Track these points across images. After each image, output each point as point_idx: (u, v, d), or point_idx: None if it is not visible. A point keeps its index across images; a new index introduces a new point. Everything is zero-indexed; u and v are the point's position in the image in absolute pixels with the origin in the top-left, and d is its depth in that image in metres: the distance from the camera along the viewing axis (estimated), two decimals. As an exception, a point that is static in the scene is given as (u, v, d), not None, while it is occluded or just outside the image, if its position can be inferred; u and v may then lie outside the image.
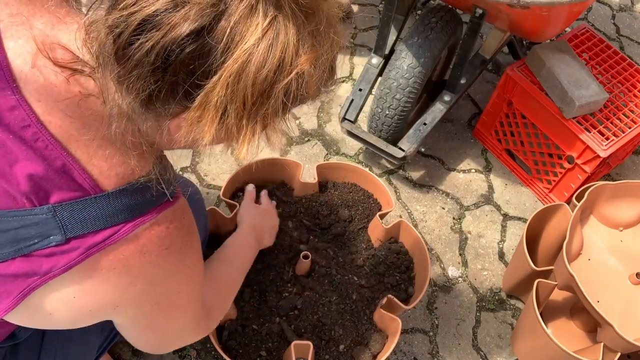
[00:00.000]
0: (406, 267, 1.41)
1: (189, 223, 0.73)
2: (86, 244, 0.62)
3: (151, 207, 0.66)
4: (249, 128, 0.59)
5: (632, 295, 1.37)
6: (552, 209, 1.48)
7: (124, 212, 0.63)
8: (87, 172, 0.62)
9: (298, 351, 1.23)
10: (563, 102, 1.59)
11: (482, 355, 1.56)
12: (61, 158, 0.61)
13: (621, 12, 2.48)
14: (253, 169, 1.47)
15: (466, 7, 1.53)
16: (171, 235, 0.68)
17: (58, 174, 0.61)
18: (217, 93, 0.54)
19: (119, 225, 0.63)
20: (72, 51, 0.61)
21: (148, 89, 0.55)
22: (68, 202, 0.61)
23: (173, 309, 0.78)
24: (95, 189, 0.62)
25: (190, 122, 0.58)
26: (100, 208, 0.62)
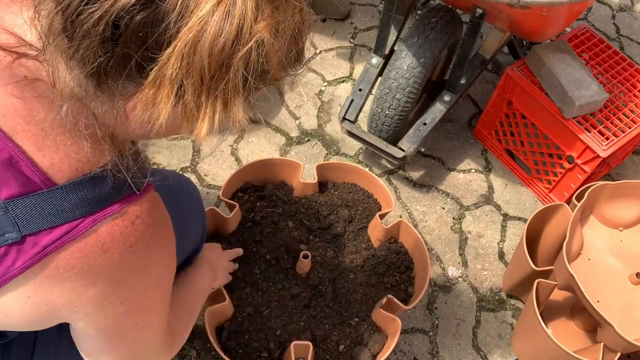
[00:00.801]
0: (406, 267, 1.41)
1: (159, 219, 0.67)
2: (42, 242, 0.58)
3: (113, 200, 0.61)
4: (208, 105, 0.55)
5: (632, 295, 1.37)
6: (552, 209, 1.48)
7: (81, 207, 0.59)
8: (36, 164, 0.58)
9: (298, 351, 1.23)
10: (563, 102, 1.59)
11: (482, 355, 1.56)
12: (7, 150, 0.57)
13: (621, 12, 2.48)
14: (253, 169, 1.47)
15: (466, 7, 1.53)
16: (137, 231, 0.63)
17: (4, 167, 0.57)
18: (171, 66, 0.51)
19: (76, 221, 0.59)
20: (17, 35, 0.58)
21: (97, 61, 0.52)
22: (20, 198, 0.57)
23: (142, 314, 0.72)
24: (46, 183, 0.58)
25: (145, 100, 0.54)
26: (54, 203, 0.58)
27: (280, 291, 1.35)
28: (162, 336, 0.82)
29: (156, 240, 0.67)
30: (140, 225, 0.63)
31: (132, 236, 0.63)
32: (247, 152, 1.85)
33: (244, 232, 1.42)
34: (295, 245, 1.42)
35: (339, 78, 2.08)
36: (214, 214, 1.37)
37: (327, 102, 2.00)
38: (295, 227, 1.45)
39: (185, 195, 1.14)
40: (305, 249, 1.39)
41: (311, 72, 2.07)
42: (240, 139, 1.87)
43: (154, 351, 0.82)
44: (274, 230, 1.44)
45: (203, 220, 1.20)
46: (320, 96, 2.02)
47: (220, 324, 1.31)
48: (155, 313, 0.75)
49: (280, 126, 1.92)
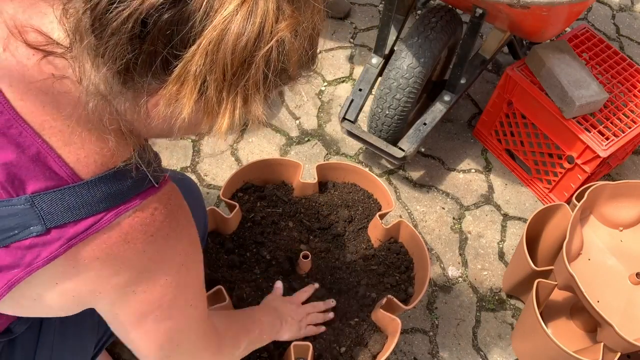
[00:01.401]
0: (406, 267, 1.41)
1: (177, 209, 0.70)
2: (67, 235, 0.60)
3: (134, 193, 0.64)
4: (229, 101, 0.57)
5: (632, 295, 1.37)
6: (552, 209, 1.48)
7: (105, 201, 0.61)
8: (63, 159, 0.60)
9: (298, 352, 1.23)
10: (563, 102, 1.59)
11: (482, 355, 1.56)
12: (35, 145, 0.59)
13: (621, 12, 2.48)
14: (253, 169, 1.47)
15: (466, 7, 1.53)
16: (156, 221, 0.66)
17: (33, 162, 0.59)
18: (196, 62, 0.53)
19: (100, 214, 0.61)
20: (45, 34, 0.60)
21: (125, 59, 0.54)
22: (46, 192, 0.59)
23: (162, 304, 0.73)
24: (73, 178, 0.60)
25: (169, 96, 0.56)
26: (80, 197, 0.60)
27: (280, 291, 1.36)
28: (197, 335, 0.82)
29: (174, 229, 0.69)
30: (158, 215, 0.66)
31: (152, 226, 0.65)
32: (247, 152, 1.85)
33: (244, 232, 1.42)
34: (295, 245, 1.42)
35: (339, 78, 2.08)
36: (214, 214, 1.36)
37: (327, 102, 2.00)
38: (295, 227, 1.45)
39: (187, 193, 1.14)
40: (305, 249, 1.39)
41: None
42: (240, 139, 1.87)
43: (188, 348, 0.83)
44: (274, 230, 1.44)
45: (205, 219, 1.20)
46: (320, 96, 2.02)
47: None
48: (178, 306, 0.76)
49: (280, 126, 1.92)
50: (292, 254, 1.40)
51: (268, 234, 1.42)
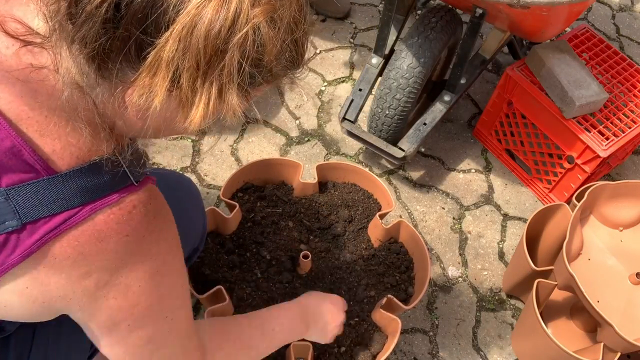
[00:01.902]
0: (406, 267, 1.41)
1: (157, 211, 0.67)
2: (41, 230, 0.59)
3: (111, 190, 0.62)
4: (204, 90, 0.55)
5: (632, 295, 1.37)
6: (552, 209, 1.48)
7: (80, 195, 0.60)
8: (37, 152, 0.59)
9: (298, 352, 1.24)
10: (563, 102, 1.59)
11: (482, 355, 1.56)
12: (10, 138, 0.58)
13: (621, 12, 2.48)
14: (253, 169, 1.47)
15: (466, 7, 1.53)
16: (133, 221, 0.64)
17: (7, 155, 0.58)
18: (168, 49, 0.53)
19: (74, 209, 0.60)
20: (25, 24, 0.60)
21: (98, 43, 0.53)
22: (21, 185, 0.58)
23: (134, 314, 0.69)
24: (47, 170, 0.59)
25: (142, 85, 0.55)
26: (55, 190, 0.59)
27: (280, 291, 1.35)
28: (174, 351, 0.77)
29: (152, 232, 0.67)
30: (136, 215, 0.64)
31: (128, 225, 0.63)
32: (247, 152, 1.85)
33: (244, 232, 1.42)
34: (296, 245, 1.42)
35: (339, 78, 2.08)
36: (214, 214, 1.37)
37: (327, 102, 2.00)
38: (295, 227, 1.45)
39: (185, 194, 1.14)
40: (306, 249, 1.39)
41: (311, 72, 2.07)
42: (240, 139, 1.87)
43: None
44: (274, 230, 1.44)
45: (203, 219, 1.20)
46: (320, 96, 2.02)
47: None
48: (152, 317, 0.72)
49: (280, 126, 1.92)
50: (292, 254, 1.40)
51: (268, 234, 1.42)
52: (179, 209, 1.08)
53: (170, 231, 0.71)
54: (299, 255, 1.36)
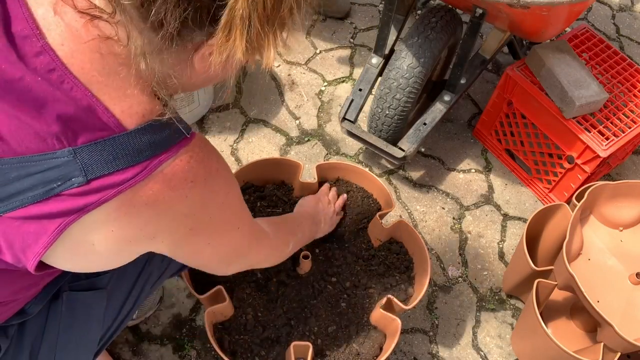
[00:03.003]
0: (406, 267, 1.41)
1: (209, 155, 0.75)
2: (115, 182, 0.64)
3: (172, 143, 0.68)
4: (272, 32, 0.62)
5: (632, 295, 1.37)
6: (552, 209, 1.48)
7: (148, 150, 0.66)
8: (110, 111, 0.64)
9: (298, 352, 1.23)
10: (563, 102, 1.59)
11: (482, 355, 1.56)
12: (86, 98, 0.63)
13: (621, 12, 2.48)
14: (253, 169, 1.47)
15: (466, 7, 1.53)
16: (193, 168, 0.71)
17: (85, 113, 0.63)
18: (240, 5, 0.57)
19: (144, 163, 0.66)
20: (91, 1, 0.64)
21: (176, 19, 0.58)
22: (88, 144, 0.63)
23: (211, 234, 0.82)
24: (119, 127, 0.64)
25: (220, 44, 0.60)
26: (124, 146, 0.64)
27: (280, 291, 1.35)
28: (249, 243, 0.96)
29: (210, 173, 0.75)
30: (194, 163, 0.71)
31: (190, 173, 0.70)
32: (247, 152, 1.85)
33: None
34: (295, 245, 1.42)
35: (339, 78, 2.08)
36: (214, 214, 1.36)
37: (327, 102, 2.00)
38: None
39: None
40: (305, 250, 1.39)
41: (311, 72, 2.07)
42: (240, 139, 1.87)
43: (246, 253, 0.98)
44: (274, 230, 1.44)
45: None
46: (320, 96, 2.02)
47: (219, 324, 1.31)
48: (226, 232, 0.86)
49: (280, 126, 1.92)
50: (292, 254, 1.41)
51: (268, 234, 1.43)
52: None
53: (224, 169, 0.80)
54: (299, 255, 1.36)
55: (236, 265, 1.01)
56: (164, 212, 0.70)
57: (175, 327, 1.50)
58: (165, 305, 1.53)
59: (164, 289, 1.54)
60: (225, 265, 0.98)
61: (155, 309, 1.51)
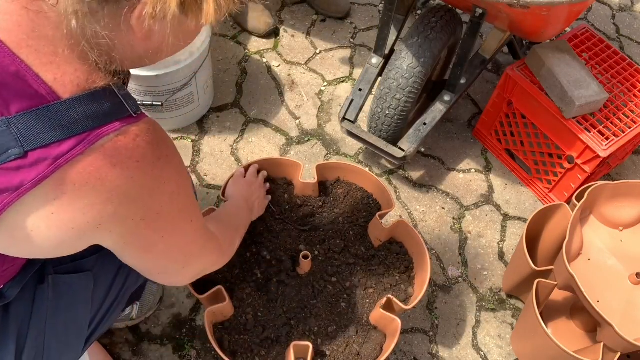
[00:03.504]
0: (406, 267, 1.41)
1: (159, 138, 0.70)
2: (51, 155, 0.60)
3: (114, 118, 0.64)
4: None
5: (632, 295, 1.37)
6: (552, 209, 1.48)
7: (85, 121, 0.62)
8: (41, 78, 0.60)
9: (297, 351, 1.24)
10: (563, 102, 1.59)
11: (482, 355, 1.56)
12: (14, 64, 0.59)
13: (621, 12, 2.48)
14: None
15: (466, 7, 1.53)
16: (140, 148, 0.66)
17: (14, 79, 0.59)
18: None
19: (82, 135, 0.61)
20: None
21: None
22: (23, 113, 0.59)
23: (164, 227, 0.77)
24: (52, 95, 0.60)
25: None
26: (59, 116, 0.60)
27: (280, 291, 1.35)
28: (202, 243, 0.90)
29: (160, 158, 0.70)
30: (141, 142, 0.66)
31: (136, 152, 0.66)
32: (247, 152, 1.85)
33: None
34: (296, 246, 1.42)
35: (339, 78, 2.08)
36: (214, 214, 1.37)
37: (327, 102, 2.00)
38: (295, 227, 1.45)
39: None
40: (305, 249, 1.39)
41: (311, 72, 2.07)
42: (240, 139, 1.87)
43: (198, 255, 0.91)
44: (274, 230, 1.44)
45: None
46: (320, 96, 2.02)
47: (219, 324, 1.31)
48: (180, 225, 0.80)
49: (280, 126, 1.92)
50: (292, 254, 1.40)
51: (268, 235, 1.43)
52: None
53: (176, 157, 0.76)
54: (299, 255, 1.36)
55: (189, 269, 0.93)
56: (107, 193, 0.65)
57: (175, 327, 1.50)
58: (165, 305, 1.53)
59: (164, 289, 1.54)
60: (178, 268, 0.90)
61: (155, 309, 1.51)
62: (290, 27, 2.19)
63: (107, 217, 0.67)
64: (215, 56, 2.04)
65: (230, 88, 1.98)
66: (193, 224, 0.84)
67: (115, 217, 0.68)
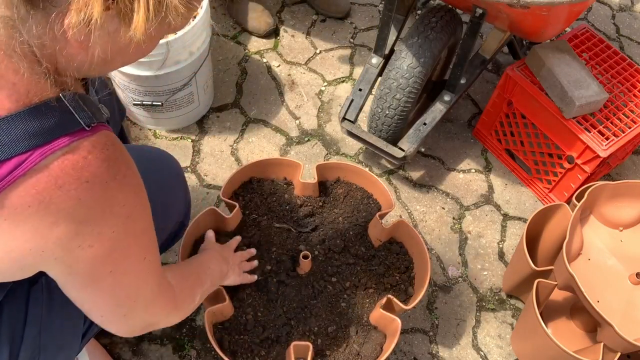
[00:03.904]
0: (406, 267, 1.41)
1: (115, 156, 0.64)
2: None
3: (60, 134, 0.59)
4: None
5: (632, 295, 1.37)
6: (552, 209, 1.48)
7: (27, 139, 0.57)
8: None
9: (297, 351, 1.24)
10: (563, 102, 1.59)
11: (482, 355, 1.56)
12: None
13: (621, 12, 2.48)
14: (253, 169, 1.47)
15: (466, 7, 1.53)
16: (91, 166, 0.61)
17: None
18: None
19: (24, 154, 0.57)
20: None
21: None
22: None
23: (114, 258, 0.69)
24: None
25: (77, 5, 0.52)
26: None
27: (280, 291, 1.35)
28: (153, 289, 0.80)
29: (114, 177, 0.64)
30: (93, 160, 0.61)
31: (86, 171, 0.60)
32: (247, 152, 1.85)
33: (244, 232, 1.42)
34: (295, 246, 1.42)
35: (339, 78, 2.08)
36: (214, 214, 1.37)
37: (327, 102, 2.00)
38: (294, 228, 1.45)
39: (166, 168, 1.14)
40: (305, 249, 1.39)
41: (311, 72, 2.07)
42: (240, 139, 1.87)
43: (146, 304, 0.81)
44: (274, 230, 1.44)
45: (186, 193, 1.19)
46: (320, 96, 2.02)
47: (219, 324, 1.31)
48: (132, 260, 0.73)
49: (280, 126, 1.92)
50: (292, 254, 1.40)
51: (268, 235, 1.43)
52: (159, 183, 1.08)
53: (134, 178, 0.69)
54: (299, 255, 1.36)
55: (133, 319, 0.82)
56: (52, 217, 0.60)
57: (175, 327, 1.50)
58: (165, 305, 1.53)
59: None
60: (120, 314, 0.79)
61: (155, 309, 1.51)
62: (290, 27, 2.19)
63: (52, 243, 0.62)
64: (215, 56, 2.04)
65: (230, 88, 1.98)
66: (147, 263, 0.76)
67: (60, 242, 0.62)
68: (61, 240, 0.62)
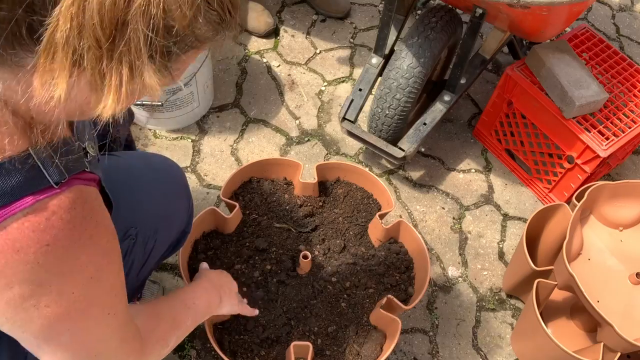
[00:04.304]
0: (406, 267, 1.41)
1: (84, 216, 0.60)
2: None
3: (24, 193, 0.55)
4: (112, 72, 0.49)
5: (632, 295, 1.37)
6: (552, 209, 1.48)
7: None
8: None
9: (298, 351, 1.24)
10: (563, 102, 1.59)
11: (482, 355, 1.56)
12: None
13: (621, 12, 2.48)
14: (253, 169, 1.47)
15: (466, 7, 1.53)
16: (53, 228, 0.57)
17: None
18: (61, 29, 0.45)
19: None
20: None
21: None
22: None
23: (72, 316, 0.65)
24: None
25: (42, 71, 0.48)
26: None
27: (280, 291, 1.35)
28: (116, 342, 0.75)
29: (78, 240, 0.60)
30: (56, 222, 0.57)
31: (47, 233, 0.57)
32: (247, 152, 1.85)
33: (244, 232, 1.42)
34: (296, 246, 1.42)
35: (339, 78, 2.07)
36: (214, 214, 1.37)
37: (327, 102, 2.00)
38: (294, 228, 1.45)
39: (169, 176, 1.14)
40: (305, 249, 1.39)
41: (311, 72, 2.07)
42: (240, 139, 1.87)
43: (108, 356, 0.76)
44: (274, 230, 1.44)
45: (189, 204, 1.18)
46: (320, 96, 2.02)
47: (219, 324, 1.31)
48: (93, 317, 0.68)
49: (280, 126, 1.92)
50: (292, 254, 1.40)
51: (268, 235, 1.43)
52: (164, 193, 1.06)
53: (103, 237, 0.64)
54: (298, 255, 1.36)
55: None
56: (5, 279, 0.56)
57: (175, 327, 1.50)
58: (165, 305, 1.53)
59: (164, 289, 1.54)
60: None
61: (155, 309, 1.50)
62: (290, 27, 2.19)
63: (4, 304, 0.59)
64: (215, 56, 2.04)
65: (230, 88, 1.98)
66: (110, 318, 0.71)
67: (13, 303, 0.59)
68: (14, 302, 0.59)
